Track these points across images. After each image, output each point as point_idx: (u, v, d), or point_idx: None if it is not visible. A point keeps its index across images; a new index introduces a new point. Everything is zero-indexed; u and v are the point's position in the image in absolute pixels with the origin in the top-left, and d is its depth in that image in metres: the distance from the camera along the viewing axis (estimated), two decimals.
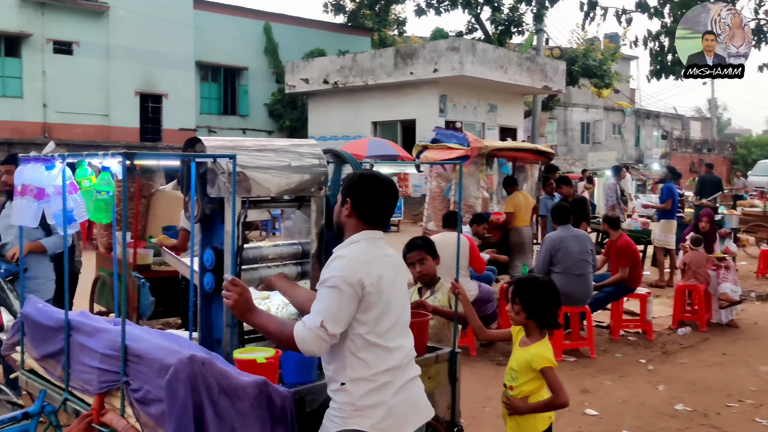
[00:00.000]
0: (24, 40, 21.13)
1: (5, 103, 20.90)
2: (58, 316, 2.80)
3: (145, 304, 6.37)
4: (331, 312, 2.34)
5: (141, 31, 23.00)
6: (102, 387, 2.49)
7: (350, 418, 2.41)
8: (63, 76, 21.76)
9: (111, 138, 22.38)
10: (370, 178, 2.59)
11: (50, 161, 2.72)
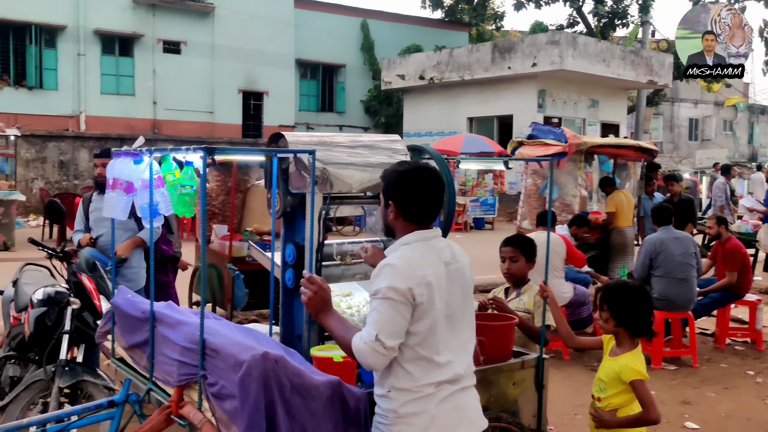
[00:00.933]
0: (136, 41, 22.29)
1: (119, 101, 22.11)
2: (144, 306, 2.87)
3: (239, 296, 6.53)
4: (386, 324, 2.24)
5: (244, 31, 23.77)
6: (181, 379, 2.52)
7: (393, 426, 2.32)
8: (171, 75, 22.80)
9: (215, 134, 23.26)
10: (409, 174, 2.40)
11: (138, 155, 2.79)
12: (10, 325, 4.92)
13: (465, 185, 18.62)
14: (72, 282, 4.41)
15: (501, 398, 3.08)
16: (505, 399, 3.11)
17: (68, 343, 4.17)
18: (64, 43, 21.00)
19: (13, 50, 20.21)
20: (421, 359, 2.31)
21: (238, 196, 7.67)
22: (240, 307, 6.60)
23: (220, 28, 23.61)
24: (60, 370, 4.04)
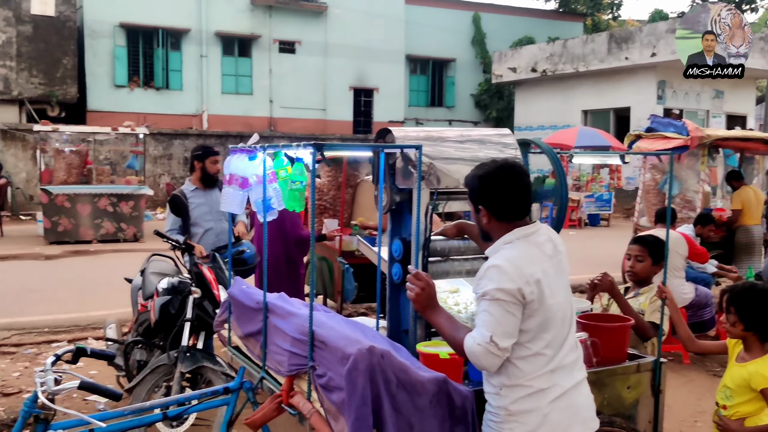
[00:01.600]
0: (254, 41, 23.18)
1: (238, 100, 23.09)
2: (258, 297, 2.98)
3: (349, 289, 6.64)
4: (499, 325, 2.21)
5: (356, 29, 24.17)
6: (291, 369, 2.59)
7: (504, 423, 2.29)
8: (287, 74, 23.55)
9: (327, 131, 23.80)
10: (491, 175, 2.35)
11: (253, 152, 2.89)
12: (138, 312, 5.24)
13: (579, 180, 18.04)
14: (193, 272, 4.65)
15: (615, 402, 2.96)
16: (619, 403, 2.99)
17: (189, 331, 4.40)
18: (188, 46, 22.17)
19: (143, 53, 21.56)
20: (532, 356, 2.27)
21: (348, 191, 7.81)
22: (349, 300, 6.71)
23: (333, 27, 24.11)
24: (182, 355, 4.27)
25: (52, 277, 9.93)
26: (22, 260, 11.31)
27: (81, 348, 2.59)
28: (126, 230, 13.31)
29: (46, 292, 8.72)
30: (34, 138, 16.44)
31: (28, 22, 18.69)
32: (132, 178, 14.27)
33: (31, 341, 6.78)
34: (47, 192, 12.77)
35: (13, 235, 13.88)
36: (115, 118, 18.27)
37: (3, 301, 8.08)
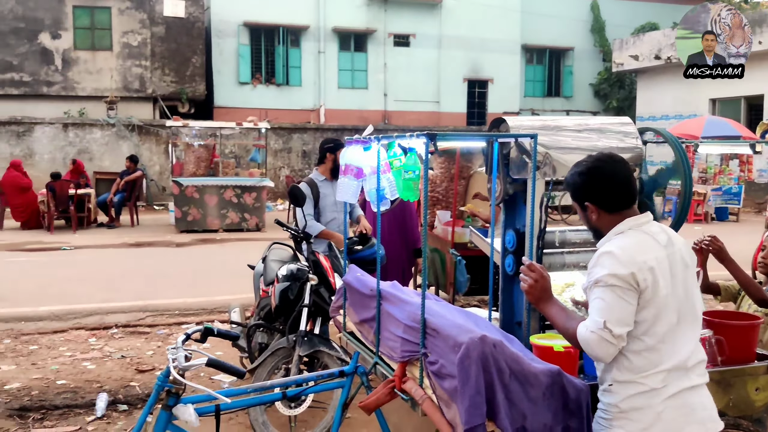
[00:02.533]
0: (369, 36, 23.54)
1: (354, 94, 23.56)
2: (372, 284, 3.05)
3: (461, 281, 6.63)
4: (613, 311, 2.15)
5: (470, 20, 23.97)
6: (404, 356, 2.64)
7: (614, 420, 2.22)
8: (401, 67, 23.75)
9: (440, 123, 23.80)
10: (591, 170, 2.32)
11: (367, 143, 2.96)
12: (260, 297, 5.50)
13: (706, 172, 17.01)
14: (311, 260, 4.82)
15: (741, 403, 2.80)
16: (747, 405, 2.82)
17: (307, 316, 4.58)
18: (307, 42, 22.85)
19: (265, 51, 22.44)
20: (646, 350, 2.20)
21: (461, 182, 7.79)
22: (462, 291, 6.71)
23: (447, 19, 24.04)
24: (300, 339, 4.45)
25: (182, 263, 10.58)
26: (156, 247, 12.13)
27: (209, 328, 2.77)
28: (249, 220, 13.96)
29: (176, 277, 9.32)
30: (167, 133, 17.55)
31: (160, 23, 19.95)
32: (254, 171, 14.92)
33: (163, 322, 7.28)
34: (178, 184, 13.61)
35: (148, 224, 14.90)
36: (240, 113, 19.16)
37: (138, 285, 8.71)
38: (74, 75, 19.16)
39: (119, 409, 4.94)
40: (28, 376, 5.59)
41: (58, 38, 18.91)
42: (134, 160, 15.43)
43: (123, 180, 14.84)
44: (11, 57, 18.50)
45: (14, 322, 7.04)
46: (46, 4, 18.76)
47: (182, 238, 13.02)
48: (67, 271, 9.58)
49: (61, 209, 13.59)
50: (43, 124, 17.25)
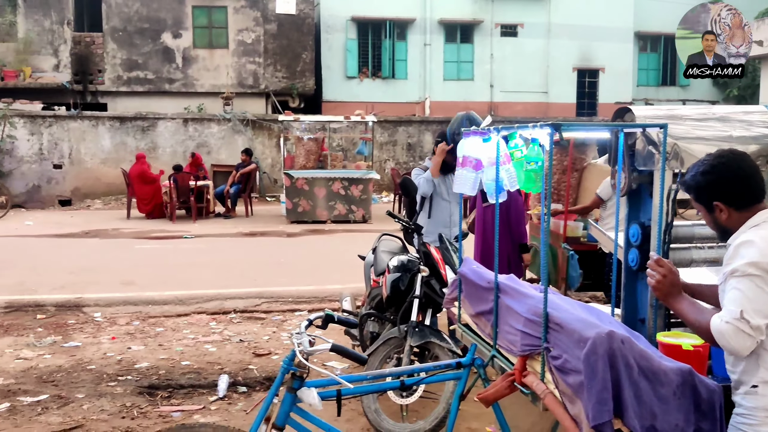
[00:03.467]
0: (476, 27, 23.29)
1: (459, 86, 23.41)
2: (489, 277, 3.04)
3: (573, 276, 6.47)
4: (750, 301, 2.02)
5: (581, 7, 23.21)
6: (524, 350, 2.61)
7: (763, 426, 2.08)
8: (508, 58, 23.35)
9: (549, 114, 23.23)
10: (715, 169, 2.21)
11: (486, 134, 2.94)
12: (371, 287, 5.60)
13: None
14: (422, 252, 4.85)
15: None
16: None
17: (418, 307, 4.61)
18: (413, 35, 22.91)
19: (371, 45, 22.70)
20: None
21: (574, 175, 7.58)
22: (574, 287, 6.54)
23: (557, 7, 23.39)
24: (411, 330, 4.49)
25: (293, 252, 10.93)
26: (268, 237, 12.59)
27: (330, 315, 2.85)
28: (356, 212, 14.21)
29: (288, 266, 9.63)
30: (278, 127, 18.12)
31: (273, 21, 20.60)
32: (361, 164, 15.16)
33: (277, 309, 7.55)
34: (289, 176, 14.04)
35: (261, 215, 15.48)
36: (347, 107, 19.50)
37: (254, 272, 9.07)
38: (193, 72, 20.15)
39: (239, 390, 5.17)
40: (156, 356, 5.96)
41: (179, 37, 19.94)
42: (249, 154, 16.06)
43: (238, 172, 15.48)
44: (137, 56, 19.70)
45: (142, 305, 7.53)
46: (168, 5, 19.82)
47: (293, 228, 13.44)
48: (188, 258, 10.12)
49: (182, 200, 14.37)
50: (165, 119, 18.26)
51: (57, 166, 17.36)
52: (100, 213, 16.14)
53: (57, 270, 9.12)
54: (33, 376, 5.43)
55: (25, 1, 18.62)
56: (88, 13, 20.53)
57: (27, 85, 18.25)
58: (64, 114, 17.49)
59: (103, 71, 19.64)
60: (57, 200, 17.26)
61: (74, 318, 7.12)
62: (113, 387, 5.17)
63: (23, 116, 17.08)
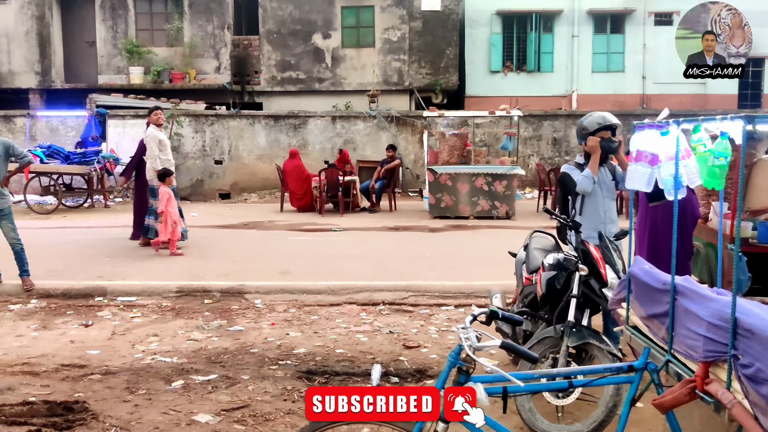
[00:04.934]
0: (627, 16, 22.19)
1: (609, 78, 22.43)
2: (663, 278, 2.89)
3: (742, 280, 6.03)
4: None
5: None
6: (707, 356, 2.46)
7: None
8: (662, 47, 22.01)
9: (707, 106, 21.67)
10: None
11: (664, 127, 2.79)
12: (523, 285, 5.51)
13: None
14: (580, 250, 4.71)
15: None
16: None
17: (576, 307, 4.48)
18: (560, 27, 22.24)
19: (516, 38, 22.30)
20: None
21: None
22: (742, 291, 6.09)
23: None
24: (568, 330, 4.38)
25: (437, 247, 10.99)
26: (412, 231, 12.75)
27: (494, 311, 2.83)
28: (499, 208, 14.04)
29: (432, 260, 9.70)
30: (421, 123, 18.29)
31: (418, 18, 20.81)
32: (505, 159, 14.95)
33: (425, 303, 7.63)
34: (433, 171, 14.14)
35: (404, 210, 15.71)
36: (490, 102, 19.30)
37: (399, 266, 9.23)
38: (341, 71, 20.80)
39: (391, 380, 5.28)
40: (312, 342, 6.23)
41: (329, 38, 20.66)
42: (394, 149, 16.35)
43: (383, 168, 15.80)
44: (290, 57, 20.64)
45: (298, 294, 7.89)
46: (318, 7, 20.59)
47: (436, 223, 13.52)
48: (337, 250, 10.48)
49: (331, 194, 14.90)
50: (315, 117, 19.00)
51: (218, 162, 18.60)
52: (256, 206, 17.10)
53: (221, 258, 9.77)
54: (203, 356, 5.85)
55: (191, 8, 20.06)
56: (246, 17, 21.80)
57: (192, 86, 19.68)
58: (224, 113, 18.69)
59: (259, 72, 20.77)
60: (217, 193, 18.50)
61: (237, 304, 7.60)
62: (275, 370, 5.47)
63: (189, 115, 18.45)
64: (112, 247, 10.73)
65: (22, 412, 4.63)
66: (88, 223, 13.78)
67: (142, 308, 7.46)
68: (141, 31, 20.16)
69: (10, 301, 7.75)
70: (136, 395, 4.95)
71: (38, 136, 18.23)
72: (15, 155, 8.08)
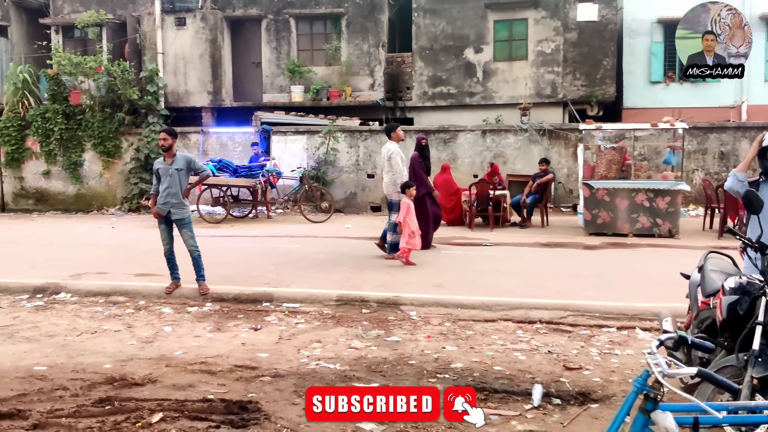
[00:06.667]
0: None
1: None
2: None
3: None
4: None
5: None
6: None
7: None
8: None
9: None
10: None
11: None
12: (698, 308, 5.18)
13: None
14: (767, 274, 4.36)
15: None
16: None
17: (761, 335, 4.15)
18: None
19: None
20: None
21: None
22: None
23: None
24: (752, 359, 4.06)
25: (593, 265, 10.58)
26: (566, 248, 12.38)
27: (683, 337, 2.70)
28: (661, 225, 13.29)
29: (589, 278, 9.35)
30: (575, 136, 17.78)
31: (573, 29, 20.27)
32: (668, 174, 14.13)
33: (584, 323, 7.38)
34: (589, 186, 13.66)
35: (556, 225, 15.31)
36: (649, 114, 18.38)
37: (555, 283, 8.99)
38: (492, 85, 20.70)
39: (552, 402, 5.16)
40: (468, 358, 6.23)
41: (480, 52, 20.65)
42: (547, 163, 16.02)
43: (535, 182, 15.51)
44: (441, 72, 20.85)
45: (452, 308, 7.92)
46: (471, 22, 20.66)
47: (591, 240, 13.04)
48: (489, 265, 10.40)
49: (480, 208, 14.84)
50: (465, 131, 19.03)
51: (370, 176, 19.13)
52: None
53: (376, 269, 10.04)
54: (363, 364, 6.04)
55: (348, 28, 20.87)
56: (399, 35, 22.33)
57: (347, 103, 20.43)
58: (377, 128, 19.22)
59: (411, 88, 21.16)
60: (369, 206, 19.04)
61: (393, 314, 7.77)
62: (434, 383, 5.52)
63: (344, 131, 19.16)
64: (276, 255, 11.36)
65: (202, 408, 5.01)
66: (253, 233, 14.69)
67: (305, 315, 7.82)
68: (302, 51, 21.24)
69: (188, 303, 8.43)
70: (304, 399, 5.19)
71: (209, 150, 19.73)
72: (195, 169, 8.81)
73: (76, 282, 9.31)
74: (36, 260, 11.05)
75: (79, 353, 6.47)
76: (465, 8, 20.73)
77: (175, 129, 8.88)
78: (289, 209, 18.67)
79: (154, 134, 19.40)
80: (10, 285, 9.19)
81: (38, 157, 20.70)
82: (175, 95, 20.99)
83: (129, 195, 19.82)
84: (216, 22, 20.90)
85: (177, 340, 6.94)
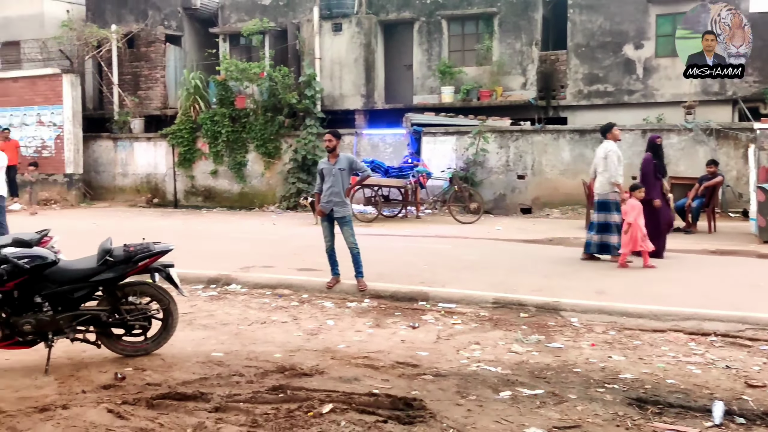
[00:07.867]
0: None
1: None
2: None
3: None
4: None
5: None
6: None
7: None
8: None
9: None
10: None
11: None
12: None
13: None
14: None
15: None
16: None
17: None
18: None
19: None
20: None
21: None
22: None
23: None
24: None
25: None
26: (737, 256, 11.49)
27: None
28: None
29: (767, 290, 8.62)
30: (746, 136, 16.44)
31: None
32: None
33: (765, 338, 6.81)
34: (764, 190, 12.58)
35: (724, 231, 14.24)
36: None
37: (729, 294, 8.36)
38: (654, 82, 19.59)
39: (735, 421, 4.80)
40: (638, 369, 5.94)
41: (641, 48, 19.62)
42: (716, 165, 14.95)
43: (702, 185, 14.52)
44: (598, 70, 20.04)
45: (617, 316, 7.59)
46: (631, 17, 19.68)
47: (766, 248, 11.99)
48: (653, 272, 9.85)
49: None
50: (623, 130, 18.13)
51: (520, 177, 18.80)
52: (558, 221, 16.93)
53: (532, 273, 9.85)
54: (525, 369, 5.93)
55: (501, 27, 20.61)
56: (553, 32, 21.74)
57: (498, 103, 20.17)
58: (528, 128, 18.85)
59: (565, 87, 20.53)
60: (519, 208, 18.70)
61: (553, 320, 7.58)
62: (602, 393, 5.32)
63: (494, 131, 18.95)
64: (428, 255, 11.47)
65: (369, 402, 5.13)
66: (404, 232, 14.92)
67: (461, 315, 7.83)
68: (453, 52, 21.25)
69: (347, 299, 8.71)
70: (467, 400, 5.19)
71: (362, 152, 20.28)
72: (357, 169, 9.10)
73: (246, 274, 9.93)
74: (208, 253, 11.89)
75: (251, 342, 6.88)
76: (624, 3, 19.79)
77: (338, 131, 9.20)
78: (437, 210, 18.76)
79: (311, 136, 20.25)
80: (187, 275, 9.93)
81: (207, 158, 22.27)
82: (330, 98, 21.78)
83: (287, 194, 20.82)
84: (370, 26, 21.45)
85: (339, 333, 7.19)
